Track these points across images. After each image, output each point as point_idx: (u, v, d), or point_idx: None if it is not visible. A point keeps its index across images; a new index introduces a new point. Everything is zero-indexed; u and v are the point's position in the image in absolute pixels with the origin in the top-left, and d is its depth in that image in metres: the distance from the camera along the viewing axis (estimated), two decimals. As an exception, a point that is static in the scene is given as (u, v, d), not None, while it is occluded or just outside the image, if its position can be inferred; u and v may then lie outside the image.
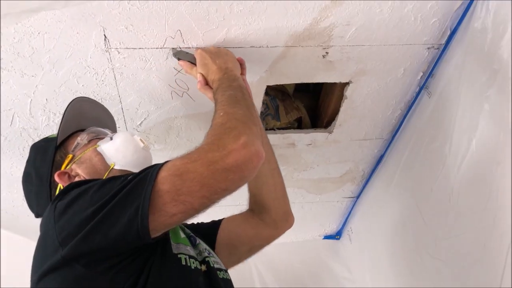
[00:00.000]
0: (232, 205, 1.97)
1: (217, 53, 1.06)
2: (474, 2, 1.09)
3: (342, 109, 1.44)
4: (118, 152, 0.99)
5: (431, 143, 1.34)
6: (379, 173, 1.74)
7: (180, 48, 1.14)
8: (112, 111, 1.23)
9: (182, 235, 0.99)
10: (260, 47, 1.18)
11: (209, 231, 1.13)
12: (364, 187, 1.88)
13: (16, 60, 1.11)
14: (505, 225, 1.00)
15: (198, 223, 1.16)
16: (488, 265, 1.08)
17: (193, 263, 0.90)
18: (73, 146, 1.00)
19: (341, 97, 1.42)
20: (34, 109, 1.26)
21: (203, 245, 1.02)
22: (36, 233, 0.82)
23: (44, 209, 0.96)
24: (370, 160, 1.73)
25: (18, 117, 1.27)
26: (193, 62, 1.10)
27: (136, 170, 0.94)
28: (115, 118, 1.26)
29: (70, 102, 1.05)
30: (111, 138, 1.03)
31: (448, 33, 1.21)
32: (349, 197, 1.98)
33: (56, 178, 0.94)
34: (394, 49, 1.24)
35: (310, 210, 2.05)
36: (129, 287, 0.74)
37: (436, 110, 1.32)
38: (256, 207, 1.19)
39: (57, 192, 0.96)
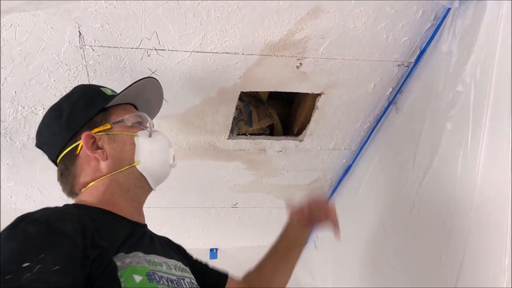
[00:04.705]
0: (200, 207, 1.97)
1: None
2: (443, 25, 1.14)
3: (313, 119, 1.47)
4: (149, 156, 0.94)
5: (396, 157, 1.38)
6: (346, 183, 1.78)
7: None
8: (83, 108, 1.22)
9: None
10: (236, 53, 1.19)
11: (216, 281, 1.10)
12: (331, 195, 1.91)
13: (-15, 50, 1.09)
14: (459, 241, 1.05)
15: (198, 262, 1.11)
16: (442, 277, 1.12)
17: None
18: (117, 120, 0.94)
19: (312, 107, 1.45)
20: (2, 101, 1.23)
21: None
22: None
23: (49, 149, 0.94)
24: (338, 170, 1.77)
25: (-16, 108, 1.25)
26: None
27: (151, 180, 0.94)
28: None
29: (146, 78, 1.00)
30: (150, 135, 0.96)
31: (418, 52, 1.26)
32: (316, 205, 2.01)
33: (83, 136, 0.88)
34: (366, 64, 1.28)
35: (278, 215, 2.07)
36: None
37: (403, 126, 1.36)
38: None
39: (71, 146, 0.90)
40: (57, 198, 1.65)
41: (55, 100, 1.24)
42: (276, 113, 1.67)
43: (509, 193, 0.90)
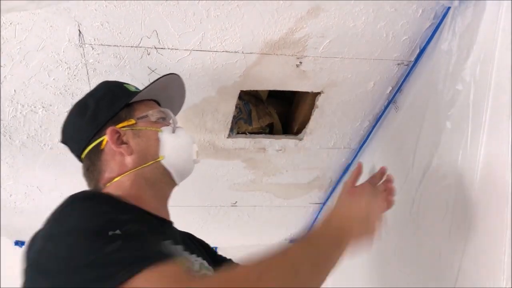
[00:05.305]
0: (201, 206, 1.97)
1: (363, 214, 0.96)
2: (442, 24, 1.14)
3: (312, 117, 1.47)
4: (173, 151, 0.95)
5: (396, 156, 1.38)
6: (346, 182, 1.78)
7: None
8: (82, 106, 1.22)
9: None
10: (235, 52, 1.19)
11: None
12: (330, 194, 1.92)
13: (-15, 49, 1.09)
14: (458, 240, 1.05)
15: (222, 258, 1.11)
16: (442, 276, 1.12)
17: None
18: (141, 115, 0.95)
19: (312, 106, 1.45)
20: (2, 100, 1.23)
21: None
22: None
23: (75, 144, 0.95)
24: (337, 169, 1.77)
25: (-17, 106, 1.24)
26: None
27: (175, 175, 0.95)
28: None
29: (169, 74, 1.02)
30: (174, 131, 0.98)
31: (418, 51, 1.26)
32: (315, 203, 2.02)
33: (108, 131, 0.89)
34: (366, 63, 1.28)
35: (277, 214, 2.07)
36: None
37: (402, 124, 1.36)
38: None
39: (96, 142, 0.91)
40: (57, 197, 1.65)
41: (54, 98, 1.25)
42: (275, 111, 1.67)
43: (509, 191, 0.90)
